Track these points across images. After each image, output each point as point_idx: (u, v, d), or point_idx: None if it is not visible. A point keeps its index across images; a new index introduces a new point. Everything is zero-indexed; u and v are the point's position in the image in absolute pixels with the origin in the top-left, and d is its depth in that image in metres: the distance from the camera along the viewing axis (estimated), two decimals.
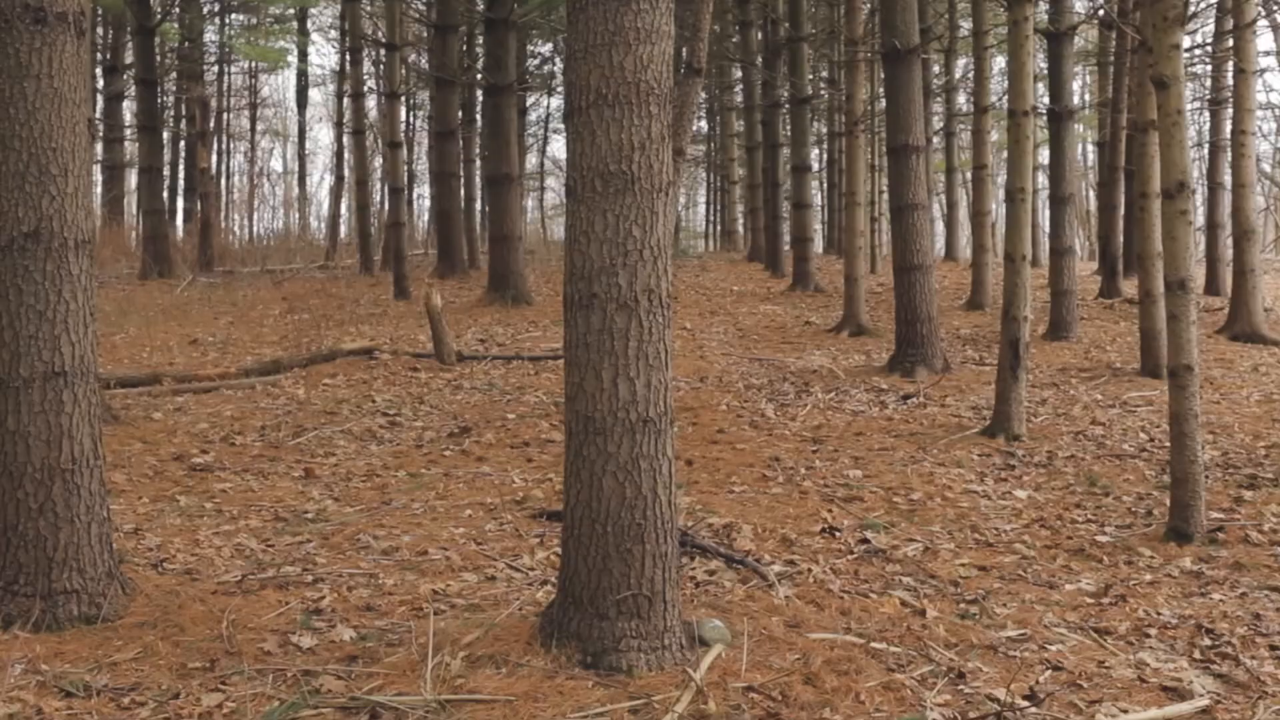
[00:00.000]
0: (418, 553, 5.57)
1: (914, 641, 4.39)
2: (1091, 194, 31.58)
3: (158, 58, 22.84)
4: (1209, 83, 20.22)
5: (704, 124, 34.97)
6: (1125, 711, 3.80)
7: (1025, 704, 3.81)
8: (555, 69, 32.39)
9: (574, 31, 4.02)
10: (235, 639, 4.23)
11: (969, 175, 22.46)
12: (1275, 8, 19.50)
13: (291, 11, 29.52)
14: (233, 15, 31.09)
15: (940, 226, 27.64)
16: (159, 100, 23.39)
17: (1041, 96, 15.34)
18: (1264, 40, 32.34)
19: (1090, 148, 32.34)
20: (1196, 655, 4.32)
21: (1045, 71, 15.23)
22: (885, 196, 18.81)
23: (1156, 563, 5.48)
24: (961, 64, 26.29)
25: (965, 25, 23.67)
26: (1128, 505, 6.57)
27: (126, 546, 5.43)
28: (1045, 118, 15.16)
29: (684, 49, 9.67)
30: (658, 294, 4.03)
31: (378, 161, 29.74)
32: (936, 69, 24.43)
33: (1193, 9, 19.51)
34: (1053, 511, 6.48)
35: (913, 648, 4.32)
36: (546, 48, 31.53)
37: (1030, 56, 9.03)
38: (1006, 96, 10.60)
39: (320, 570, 5.24)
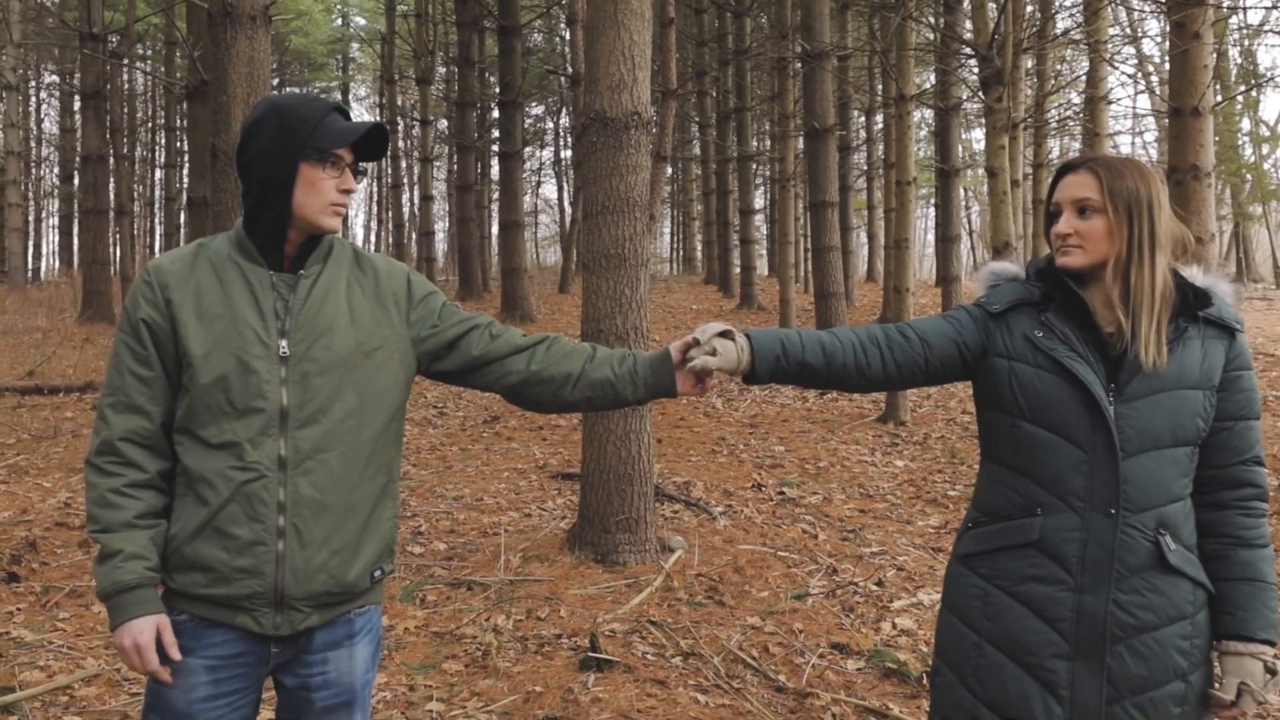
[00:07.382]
0: (476, 499, 6.42)
1: (807, 552, 5.38)
2: None
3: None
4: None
5: (669, 168, 35.72)
6: (939, 591, 4.95)
7: (874, 586, 4.92)
8: (545, 126, 33.37)
9: (587, 165, 5.04)
10: None
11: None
12: (1125, 85, 20.75)
13: (335, 85, 30.38)
14: (286, 89, 31.95)
15: (865, 253, 28.57)
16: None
17: (934, 155, 16.55)
18: (1149, 103, 33.60)
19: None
20: None
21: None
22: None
23: None
24: (880, 118, 27.31)
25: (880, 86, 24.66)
26: (975, 470, 7.44)
27: None
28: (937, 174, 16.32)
29: (654, 134, 10.74)
30: (640, 330, 5.07)
31: (405, 204, 30.72)
32: (863, 120, 25.34)
33: (1065, 80, 20.88)
34: (920, 475, 7.28)
35: (806, 555, 5.32)
36: (539, 109, 32.49)
37: (911, 142, 10.30)
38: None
39: (415, 509, 6.15)
